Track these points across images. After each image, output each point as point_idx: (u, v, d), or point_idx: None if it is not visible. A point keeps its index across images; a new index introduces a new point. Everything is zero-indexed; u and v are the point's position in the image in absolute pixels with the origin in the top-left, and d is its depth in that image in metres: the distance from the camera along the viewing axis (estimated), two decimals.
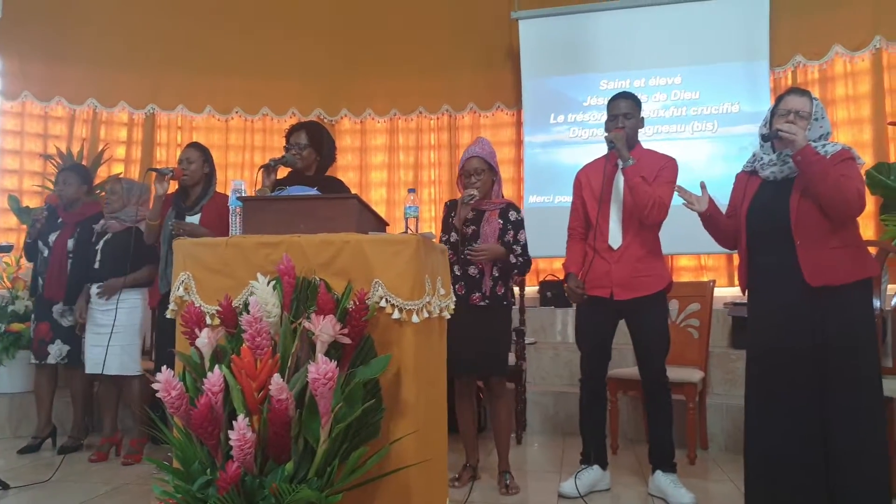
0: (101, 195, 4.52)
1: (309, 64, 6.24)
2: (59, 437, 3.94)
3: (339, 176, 3.52)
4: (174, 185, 3.46)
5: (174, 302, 2.07)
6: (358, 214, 2.10)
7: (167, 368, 1.66)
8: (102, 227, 3.74)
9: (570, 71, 5.81)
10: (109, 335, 3.31)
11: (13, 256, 4.54)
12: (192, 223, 3.31)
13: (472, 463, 3.18)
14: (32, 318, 3.98)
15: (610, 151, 2.98)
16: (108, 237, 3.69)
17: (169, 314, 2.11)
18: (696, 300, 3.86)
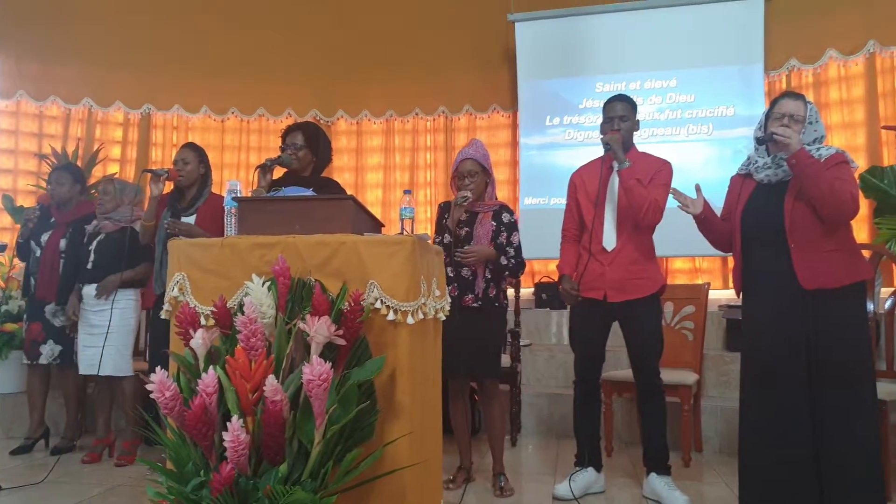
0: (95, 195, 4.50)
1: (305, 65, 6.23)
2: (51, 438, 3.92)
3: (334, 177, 3.52)
4: (169, 185, 3.45)
5: (169, 302, 2.07)
6: (354, 215, 2.10)
7: (161, 369, 1.66)
8: (95, 227, 3.72)
9: (566, 73, 5.82)
10: (106, 335, 3.30)
11: (7, 256, 4.53)
12: (187, 223, 3.30)
13: (466, 465, 3.18)
14: (24, 318, 3.97)
15: (605, 153, 2.99)
16: (101, 238, 3.67)
17: (163, 315, 2.10)
18: (690, 302, 3.87)
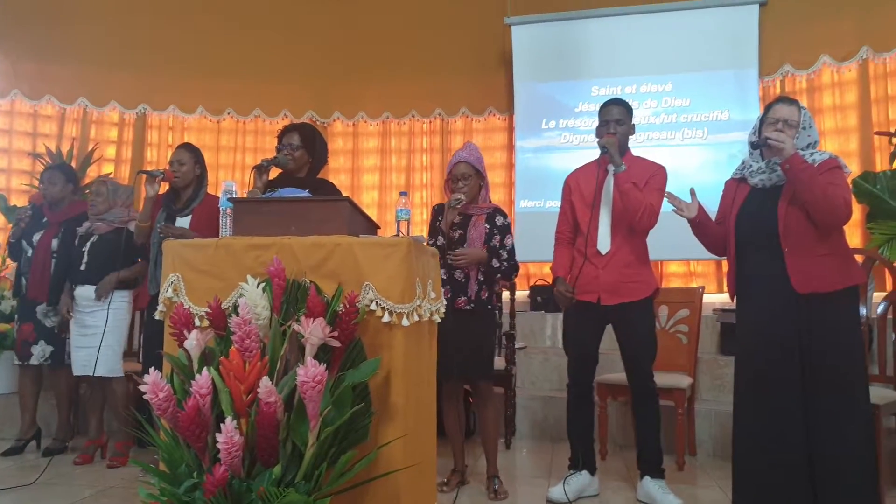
0: (88, 195, 4.48)
1: (301, 66, 6.23)
2: (43, 439, 3.90)
3: (330, 178, 3.52)
4: (165, 186, 3.44)
5: (163, 303, 2.06)
6: (349, 217, 2.09)
7: (155, 370, 1.65)
8: (88, 229, 3.69)
9: (562, 77, 5.84)
10: (102, 335, 3.28)
11: None
12: (181, 227, 3.28)
13: (460, 467, 3.18)
14: (16, 318, 3.94)
15: (601, 157, 3.00)
16: (94, 239, 3.65)
17: (158, 315, 2.10)
18: (685, 306, 3.87)
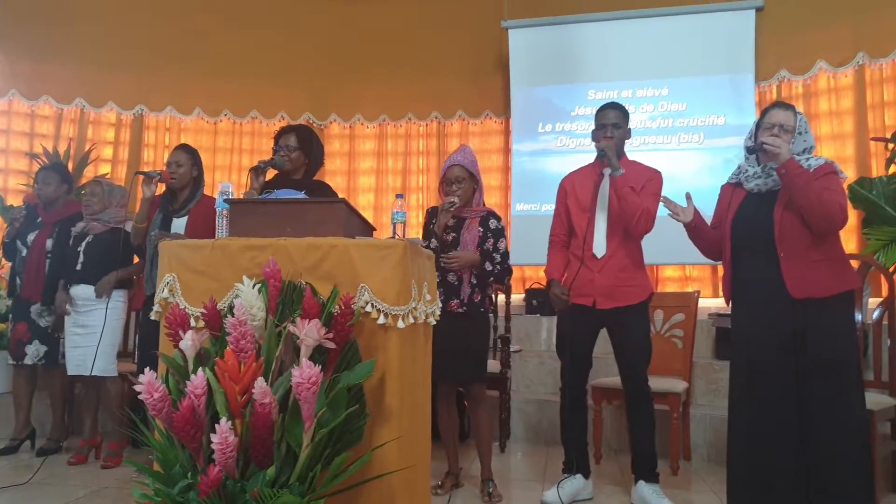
0: (84, 195, 4.48)
1: (299, 68, 6.23)
2: (37, 439, 3.89)
3: (326, 180, 3.52)
4: (162, 187, 3.44)
5: (159, 303, 2.06)
6: (345, 219, 2.09)
7: (150, 370, 1.65)
8: (83, 229, 3.69)
9: (558, 80, 5.85)
10: (101, 334, 3.28)
11: None
12: (176, 234, 3.29)
13: (454, 470, 3.18)
14: (10, 318, 3.93)
15: (596, 160, 3.00)
16: (90, 239, 3.64)
17: (153, 316, 2.09)
18: (680, 310, 3.88)
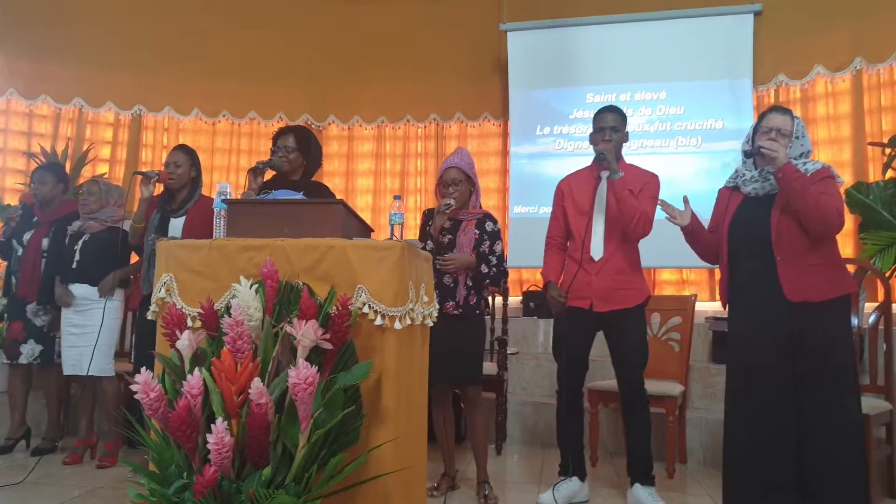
0: (80, 194, 4.47)
1: (297, 69, 6.24)
2: (33, 438, 3.88)
3: (324, 181, 3.52)
4: (160, 187, 3.44)
5: (156, 303, 2.06)
6: (343, 220, 2.10)
7: (146, 370, 1.65)
8: (79, 228, 3.69)
9: (556, 83, 5.86)
10: (98, 333, 3.27)
11: None
12: (172, 238, 3.28)
13: (450, 472, 3.18)
14: (5, 317, 3.92)
15: (594, 163, 3.01)
16: (86, 238, 3.64)
17: (150, 315, 2.09)
18: (677, 314, 3.88)
